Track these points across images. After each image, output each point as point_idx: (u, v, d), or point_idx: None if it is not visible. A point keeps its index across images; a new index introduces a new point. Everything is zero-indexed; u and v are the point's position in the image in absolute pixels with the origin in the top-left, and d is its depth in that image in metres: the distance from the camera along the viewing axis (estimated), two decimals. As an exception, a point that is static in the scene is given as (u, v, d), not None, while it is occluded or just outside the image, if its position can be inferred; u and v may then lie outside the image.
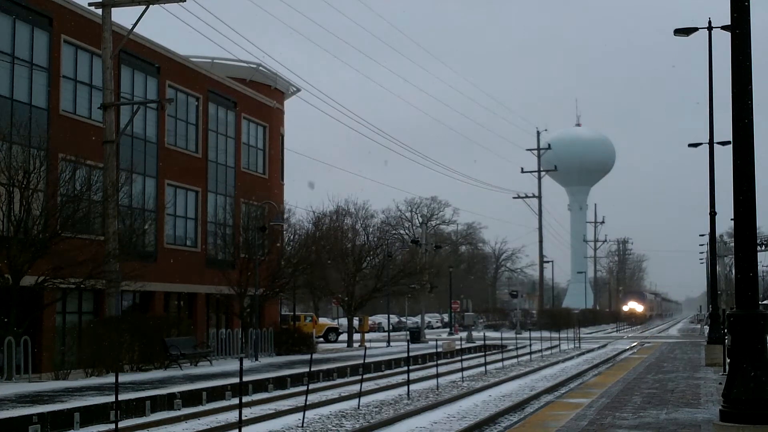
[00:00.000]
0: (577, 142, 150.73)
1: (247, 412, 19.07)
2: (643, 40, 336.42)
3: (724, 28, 27.86)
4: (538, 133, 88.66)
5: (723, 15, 19.28)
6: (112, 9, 29.66)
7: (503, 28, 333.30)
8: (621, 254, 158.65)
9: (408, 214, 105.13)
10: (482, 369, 33.01)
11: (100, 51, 29.90)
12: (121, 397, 17.43)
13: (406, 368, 27.28)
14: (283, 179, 47.59)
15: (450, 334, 72.64)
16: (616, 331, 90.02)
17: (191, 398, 21.39)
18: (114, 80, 30.12)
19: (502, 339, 49.38)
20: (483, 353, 38.37)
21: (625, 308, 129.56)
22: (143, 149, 35.41)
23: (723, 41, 27.66)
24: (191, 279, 37.94)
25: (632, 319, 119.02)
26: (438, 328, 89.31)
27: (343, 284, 49.66)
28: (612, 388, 19.94)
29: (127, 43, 31.48)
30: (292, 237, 44.98)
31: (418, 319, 70.45)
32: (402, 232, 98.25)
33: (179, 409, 20.31)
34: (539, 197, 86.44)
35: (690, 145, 37.12)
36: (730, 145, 10.33)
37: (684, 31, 29.43)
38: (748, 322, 9.82)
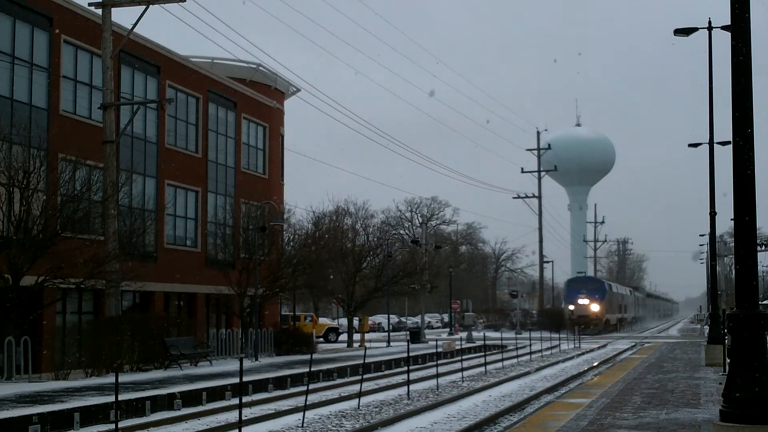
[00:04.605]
0: (577, 142, 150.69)
1: (247, 412, 19.07)
2: (643, 40, 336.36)
3: (724, 28, 27.87)
4: (538, 133, 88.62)
5: (723, 15, 19.30)
6: (112, 9, 29.66)
7: (503, 28, 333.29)
8: (621, 254, 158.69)
9: (408, 214, 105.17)
10: (482, 369, 33.01)
11: (100, 51, 29.90)
12: (121, 397, 17.42)
13: (406, 368, 27.27)
14: (283, 179, 47.59)
15: (450, 334, 72.63)
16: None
17: (191, 398, 21.39)
18: (114, 80, 30.13)
19: (502, 339, 49.39)
20: (483, 353, 38.35)
21: (571, 308, 76.97)
22: (143, 149, 35.42)
23: (723, 41, 27.66)
24: (191, 279, 37.94)
25: (582, 325, 69.98)
26: (438, 328, 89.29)
27: (343, 284, 49.67)
28: (612, 388, 19.93)
29: (127, 43, 31.48)
30: (292, 237, 45.03)
31: (418, 319, 70.43)
32: (402, 232, 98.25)
33: (179, 409, 20.31)
34: (539, 197, 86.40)
35: (690, 145, 37.14)
36: (730, 145, 10.34)
37: (684, 32, 29.44)
38: (748, 322, 9.82)
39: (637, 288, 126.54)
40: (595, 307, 76.59)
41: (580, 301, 76.86)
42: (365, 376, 25.57)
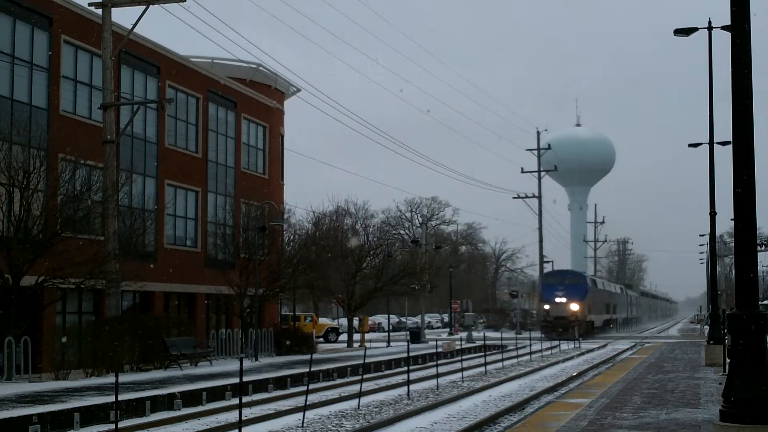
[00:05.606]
0: (577, 142, 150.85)
1: (247, 412, 19.07)
2: (643, 40, 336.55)
3: (724, 28, 27.85)
4: (538, 133, 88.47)
5: (723, 15, 19.28)
6: (112, 9, 29.66)
7: (503, 28, 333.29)
8: (621, 254, 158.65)
9: (408, 214, 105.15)
10: (482, 369, 33.00)
11: (100, 51, 29.90)
12: (121, 397, 17.42)
13: (406, 368, 27.27)
14: (283, 179, 47.58)
15: (450, 334, 72.62)
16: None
17: (191, 398, 21.39)
18: (114, 80, 30.12)
19: (502, 339, 49.36)
20: (483, 353, 38.35)
21: (547, 307, 67.46)
22: (143, 149, 35.40)
23: (723, 41, 27.64)
24: (191, 279, 37.93)
25: (559, 327, 63.56)
26: (438, 328, 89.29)
27: (343, 284, 49.66)
28: (612, 388, 19.93)
29: (127, 43, 31.48)
30: (292, 237, 45.03)
31: (418, 319, 70.44)
32: (402, 232, 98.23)
33: (179, 409, 20.31)
34: (539, 197, 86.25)
35: (690, 145, 37.12)
36: (730, 145, 10.34)
37: (684, 32, 29.43)
38: (748, 322, 9.83)
39: (630, 286, 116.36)
40: (574, 307, 66.22)
41: (557, 300, 66.76)
42: (365, 376, 25.57)
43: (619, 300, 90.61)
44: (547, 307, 67.40)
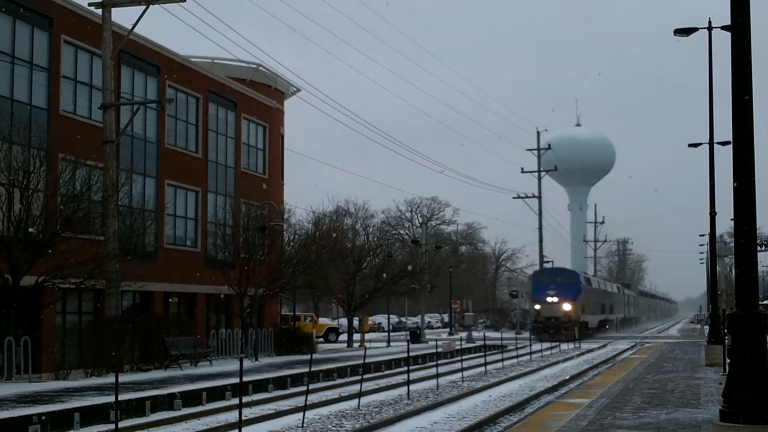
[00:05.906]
0: (577, 142, 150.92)
1: (247, 412, 19.07)
2: (643, 40, 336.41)
3: (724, 28, 27.84)
4: (538, 133, 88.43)
5: (723, 15, 19.28)
6: (112, 9, 29.66)
7: (503, 28, 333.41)
8: (621, 254, 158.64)
9: (408, 214, 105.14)
10: (482, 369, 33.01)
11: (100, 51, 29.89)
12: (121, 397, 17.42)
13: (406, 368, 27.28)
14: (283, 179, 47.58)
15: (450, 334, 72.62)
16: None
17: (191, 398, 21.39)
18: (114, 80, 30.11)
19: (502, 339, 49.37)
20: (483, 353, 38.37)
21: (537, 307, 64.32)
22: (143, 149, 35.40)
23: (723, 41, 27.64)
24: (191, 279, 37.93)
25: (550, 329, 61.69)
26: (438, 328, 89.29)
27: (343, 284, 49.67)
28: (612, 388, 19.93)
29: (127, 43, 31.47)
30: (292, 237, 45.01)
31: (418, 319, 70.44)
32: (402, 232, 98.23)
33: (179, 409, 20.31)
34: (539, 197, 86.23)
35: (690, 146, 37.10)
36: (730, 145, 10.35)
37: (684, 32, 29.42)
38: (748, 322, 9.83)
39: (628, 285, 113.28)
40: (566, 307, 62.64)
41: (549, 299, 63.14)
42: (365, 376, 25.57)
43: (616, 300, 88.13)
44: (537, 307, 64.14)
